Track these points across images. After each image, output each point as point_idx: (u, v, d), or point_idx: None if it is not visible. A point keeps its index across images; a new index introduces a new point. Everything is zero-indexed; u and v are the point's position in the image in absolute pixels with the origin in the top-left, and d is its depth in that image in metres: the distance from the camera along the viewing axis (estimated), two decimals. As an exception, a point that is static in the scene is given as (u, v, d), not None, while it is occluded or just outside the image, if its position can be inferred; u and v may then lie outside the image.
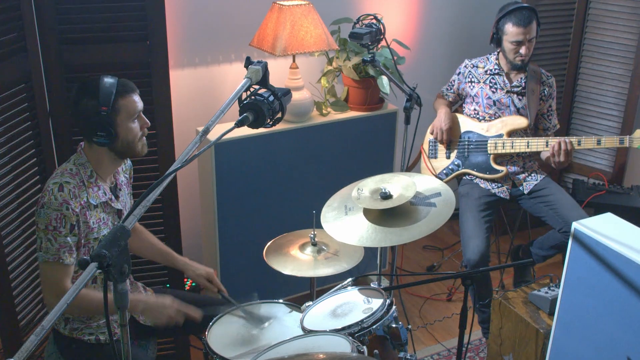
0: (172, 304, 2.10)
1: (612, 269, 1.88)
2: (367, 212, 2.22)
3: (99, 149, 2.00)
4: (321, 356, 1.69)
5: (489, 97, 3.06)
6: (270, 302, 2.32)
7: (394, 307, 2.12)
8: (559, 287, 2.26)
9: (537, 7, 3.50)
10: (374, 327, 2.01)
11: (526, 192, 3.07)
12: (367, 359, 1.77)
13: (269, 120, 1.63)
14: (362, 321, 2.01)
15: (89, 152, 2.03)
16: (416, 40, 3.70)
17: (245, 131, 2.53)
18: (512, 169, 3.09)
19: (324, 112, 3.11)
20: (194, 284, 2.99)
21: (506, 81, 3.05)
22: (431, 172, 3.21)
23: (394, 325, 2.09)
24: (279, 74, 3.14)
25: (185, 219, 2.96)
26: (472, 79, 3.11)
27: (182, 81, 3.12)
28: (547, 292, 2.51)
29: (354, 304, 2.17)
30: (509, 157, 3.10)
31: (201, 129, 1.49)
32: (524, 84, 3.03)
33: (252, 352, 1.95)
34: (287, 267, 2.34)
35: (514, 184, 3.11)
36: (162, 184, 1.35)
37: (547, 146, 2.94)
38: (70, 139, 2.50)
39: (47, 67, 2.39)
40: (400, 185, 2.23)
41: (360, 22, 2.87)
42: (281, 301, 2.32)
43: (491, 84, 3.06)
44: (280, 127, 2.90)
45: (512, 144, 3.00)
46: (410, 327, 2.40)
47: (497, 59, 3.07)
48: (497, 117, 3.07)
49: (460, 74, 3.17)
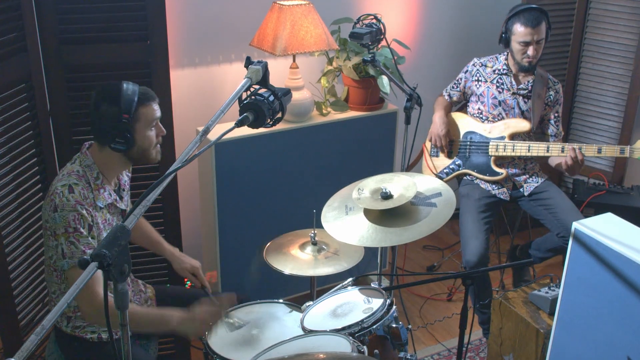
0: (200, 314, 2.00)
1: (612, 269, 1.88)
2: (368, 212, 2.22)
3: (111, 152, 1.98)
4: (321, 356, 1.70)
5: (495, 97, 3.05)
6: (270, 302, 2.32)
7: (394, 307, 2.12)
8: (559, 287, 2.26)
9: (537, 7, 3.51)
10: (374, 327, 2.01)
11: (526, 194, 3.07)
12: (367, 359, 1.77)
13: (269, 120, 1.63)
14: (362, 321, 2.01)
15: (98, 155, 2.02)
16: (416, 40, 3.70)
17: (245, 131, 2.53)
18: (513, 170, 3.08)
19: (324, 112, 3.11)
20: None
21: (513, 82, 3.03)
22: (432, 170, 3.21)
23: (394, 325, 2.09)
24: (279, 73, 3.14)
25: (185, 219, 2.96)
26: (479, 78, 3.10)
27: (182, 81, 3.12)
28: (547, 292, 2.51)
29: (354, 304, 2.17)
30: (509, 159, 3.09)
31: (201, 129, 1.49)
32: (530, 87, 3.02)
33: (252, 352, 1.95)
34: (287, 267, 2.34)
35: (515, 186, 3.10)
36: (162, 184, 1.35)
37: (548, 151, 2.94)
38: (70, 138, 2.50)
39: (47, 67, 2.39)
40: (400, 185, 2.23)
41: (360, 22, 2.87)
42: (281, 301, 2.32)
43: (498, 84, 3.05)
44: (280, 127, 2.90)
45: (514, 147, 3.00)
46: (410, 327, 2.40)
47: (506, 60, 3.06)
48: (501, 118, 3.06)
49: (467, 72, 3.15)
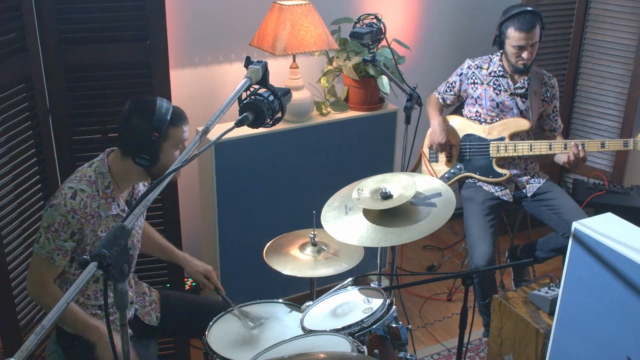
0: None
1: (612, 269, 1.88)
2: (367, 212, 2.22)
3: (131, 164, 1.99)
4: (321, 356, 1.69)
5: (493, 99, 3.04)
6: (270, 302, 2.32)
7: (394, 307, 2.12)
8: (559, 287, 2.26)
9: (537, 7, 3.50)
10: (374, 327, 2.01)
11: (529, 195, 3.06)
12: (367, 359, 1.77)
13: (268, 120, 1.63)
14: (362, 321, 2.01)
15: (118, 163, 2.03)
16: (416, 40, 3.70)
17: (245, 131, 2.53)
18: (514, 171, 3.08)
19: (324, 112, 3.11)
20: (194, 284, 3.00)
21: (510, 83, 3.02)
22: (432, 176, 3.20)
23: (394, 325, 2.09)
24: (279, 73, 3.14)
25: (185, 219, 2.96)
26: (476, 80, 3.08)
27: (182, 81, 3.12)
28: (547, 292, 2.51)
29: (354, 304, 2.17)
30: (510, 160, 3.09)
31: (201, 128, 1.49)
32: (526, 86, 3.02)
33: (252, 352, 1.95)
34: (287, 267, 2.34)
35: (517, 187, 3.10)
36: (162, 184, 1.35)
37: (550, 149, 2.94)
38: (70, 138, 2.50)
39: (47, 67, 2.39)
40: (400, 185, 2.23)
41: (360, 22, 2.86)
42: (281, 301, 2.32)
43: (495, 86, 3.04)
44: (280, 127, 2.90)
45: (515, 147, 2.99)
46: (410, 327, 2.40)
47: (500, 61, 3.05)
48: (499, 120, 3.05)
49: (462, 74, 3.13)
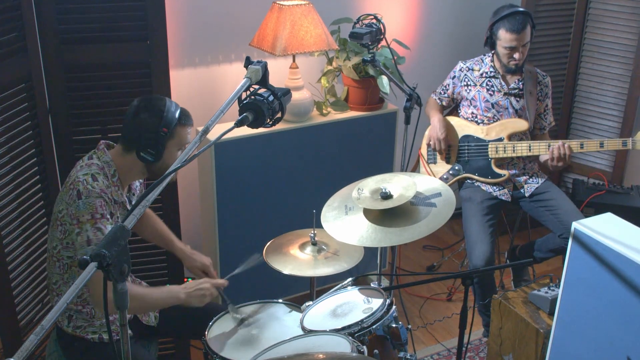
0: (205, 281, 2.19)
1: (612, 269, 1.88)
2: (367, 212, 2.22)
3: (134, 159, 2.00)
4: (321, 356, 1.69)
5: (487, 100, 3.05)
6: (270, 302, 2.32)
7: (394, 307, 2.12)
8: (559, 287, 2.26)
9: (537, 7, 3.51)
10: (374, 327, 2.01)
11: (527, 194, 3.06)
12: (367, 359, 1.77)
13: (268, 120, 1.63)
14: (362, 321, 2.01)
15: (119, 158, 2.03)
16: (416, 40, 3.70)
17: (245, 131, 2.53)
18: (512, 171, 3.08)
19: (324, 112, 3.11)
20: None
21: (503, 83, 3.03)
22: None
23: (394, 325, 2.09)
24: (279, 73, 3.14)
25: (185, 219, 2.96)
26: (468, 82, 3.09)
27: (182, 81, 3.12)
28: (547, 292, 2.51)
29: (354, 304, 2.17)
30: (509, 160, 3.09)
31: (201, 128, 1.49)
32: (521, 86, 3.02)
33: (252, 352, 1.95)
34: (287, 267, 2.34)
35: (515, 187, 3.10)
36: (162, 184, 1.35)
37: (549, 149, 2.94)
38: (70, 138, 2.50)
39: (47, 67, 2.39)
40: (400, 185, 2.23)
41: (360, 22, 2.87)
42: (281, 301, 2.32)
43: (488, 87, 3.05)
44: (280, 127, 2.90)
45: (514, 147, 2.99)
46: (410, 327, 2.40)
47: (492, 61, 3.06)
48: (496, 120, 3.05)
49: (455, 77, 3.14)
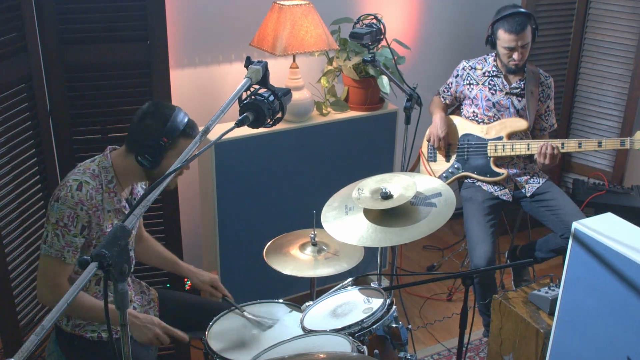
0: (159, 323, 2.06)
1: (612, 269, 1.88)
2: (367, 212, 2.22)
3: (134, 162, 1.99)
4: (321, 356, 1.69)
5: (488, 99, 3.05)
6: (270, 302, 2.32)
7: (394, 307, 2.12)
8: (559, 287, 2.26)
9: (537, 7, 3.51)
10: (374, 327, 2.01)
11: (528, 194, 3.06)
12: (367, 359, 1.77)
13: (269, 120, 1.63)
14: (362, 321, 2.01)
15: (121, 159, 2.03)
16: (416, 40, 3.70)
17: (245, 131, 2.53)
18: (513, 171, 3.08)
19: (324, 112, 3.11)
20: (194, 284, 2.99)
21: (505, 83, 3.04)
22: (430, 175, 3.20)
23: (394, 325, 2.09)
24: (279, 73, 3.13)
25: (185, 219, 2.96)
26: (471, 81, 3.10)
27: (182, 81, 3.12)
28: (547, 292, 2.51)
29: (354, 304, 2.17)
30: (509, 159, 3.09)
31: (201, 129, 1.49)
32: (522, 86, 3.02)
33: (252, 352, 1.95)
34: (287, 267, 2.34)
35: (516, 187, 3.10)
36: (162, 184, 1.35)
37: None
38: (70, 138, 2.50)
39: (47, 67, 2.39)
40: (400, 185, 2.23)
41: (360, 22, 2.87)
42: (281, 301, 2.32)
43: (490, 86, 3.05)
44: (280, 127, 2.90)
45: (513, 146, 2.99)
46: (410, 327, 2.40)
47: (495, 61, 3.06)
48: (497, 119, 3.06)
49: (458, 76, 3.15)
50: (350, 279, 2.32)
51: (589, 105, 3.75)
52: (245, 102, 1.61)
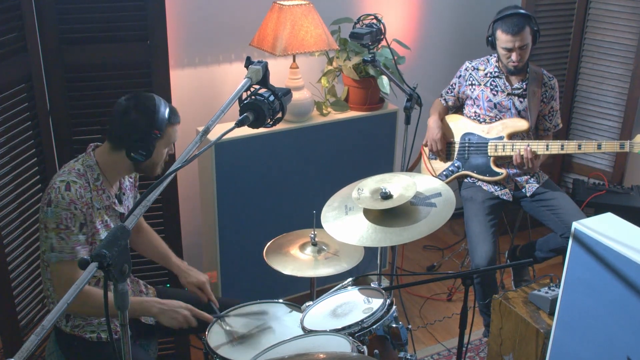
0: (185, 306, 2.12)
1: (612, 269, 1.88)
2: (367, 212, 2.22)
3: (121, 157, 1.99)
4: (321, 356, 1.69)
5: (490, 100, 3.05)
6: (270, 302, 2.32)
7: (394, 307, 2.12)
8: (559, 287, 2.26)
9: (536, 8, 3.51)
10: (374, 327, 2.01)
11: (528, 194, 3.06)
12: (367, 359, 1.77)
13: (269, 120, 1.63)
14: (362, 321, 2.01)
15: (106, 156, 2.02)
16: (416, 40, 3.70)
17: (245, 131, 2.52)
18: (513, 171, 3.08)
19: (324, 112, 3.11)
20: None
21: (507, 84, 3.03)
22: (431, 173, 3.21)
23: (394, 325, 2.09)
24: (279, 74, 3.13)
25: (185, 219, 2.96)
26: (473, 82, 3.10)
27: (182, 81, 3.12)
28: (547, 292, 2.51)
29: (354, 304, 2.17)
30: (509, 159, 3.09)
31: (201, 129, 1.49)
32: (525, 86, 3.02)
33: (252, 352, 1.95)
34: (287, 267, 2.34)
35: (516, 186, 3.10)
36: (162, 184, 1.35)
37: (547, 149, 2.94)
38: (70, 138, 2.50)
39: (47, 67, 2.39)
40: (400, 185, 2.23)
41: (360, 22, 2.86)
42: (281, 301, 2.32)
43: (492, 87, 3.05)
44: (280, 127, 2.90)
45: (513, 146, 2.99)
46: (410, 327, 2.40)
47: (497, 62, 3.06)
48: (498, 120, 3.06)
49: (461, 76, 3.15)
50: (350, 279, 2.31)
51: (589, 105, 3.75)
52: (245, 102, 1.61)
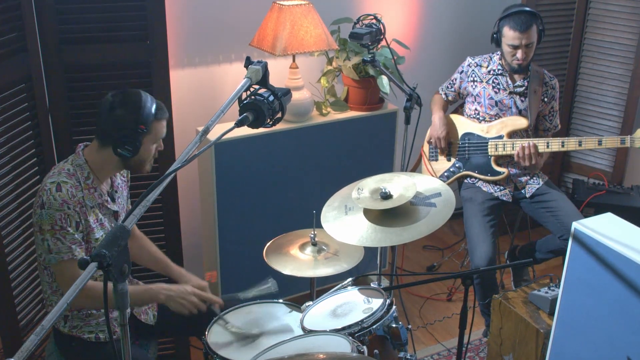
0: (192, 291, 2.12)
1: (612, 269, 1.88)
2: (367, 212, 2.22)
3: (109, 154, 1.99)
4: (321, 356, 1.70)
5: (491, 98, 3.05)
6: (270, 302, 2.32)
7: (394, 307, 2.12)
8: (559, 287, 2.26)
9: (537, 7, 3.51)
10: (374, 327, 2.01)
11: (528, 195, 3.06)
12: (367, 359, 1.77)
13: (269, 120, 1.63)
14: (362, 321, 2.01)
15: (95, 154, 2.03)
16: (416, 40, 3.70)
17: (245, 131, 2.52)
18: (513, 170, 3.08)
19: (324, 112, 3.11)
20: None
21: (509, 82, 3.03)
22: (432, 175, 3.20)
23: (394, 325, 2.09)
24: (279, 74, 3.13)
25: (185, 219, 2.96)
26: (475, 78, 3.09)
27: (182, 81, 3.12)
28: (547, 292, 2.51)
29: (354, 304, 2.17)
30: (509, 159, 3.09)
31: (201, 129, 1.49)
32: (526, 84, 3.02)
33: (252, 352, 1.95)
34: (287, 267, 2.34)
35: (516, 187, 3.10)
36: (162, 184, 1.35)
37: (548, 147, 2.94)
38: (70, 138, 2.50)
39: (47, 67, 2.39)
40: (400, 185, 2.23)
41: (360, 22, 2.86)
42: (281, 301, 2.32)
43: (494, 84, 3.05)
44: (280, 127, 2.90)
45: (513, 145, 2.99)
46: (410, 327, 2.40)
47: (500, 59, 3.05)
48: (499, 118, 3.06)
49: (462, 72, 3.14)
50: (350, 279, 2.32)
51: (589, 105, 3.75)
52: (245, 102, 1.61)
